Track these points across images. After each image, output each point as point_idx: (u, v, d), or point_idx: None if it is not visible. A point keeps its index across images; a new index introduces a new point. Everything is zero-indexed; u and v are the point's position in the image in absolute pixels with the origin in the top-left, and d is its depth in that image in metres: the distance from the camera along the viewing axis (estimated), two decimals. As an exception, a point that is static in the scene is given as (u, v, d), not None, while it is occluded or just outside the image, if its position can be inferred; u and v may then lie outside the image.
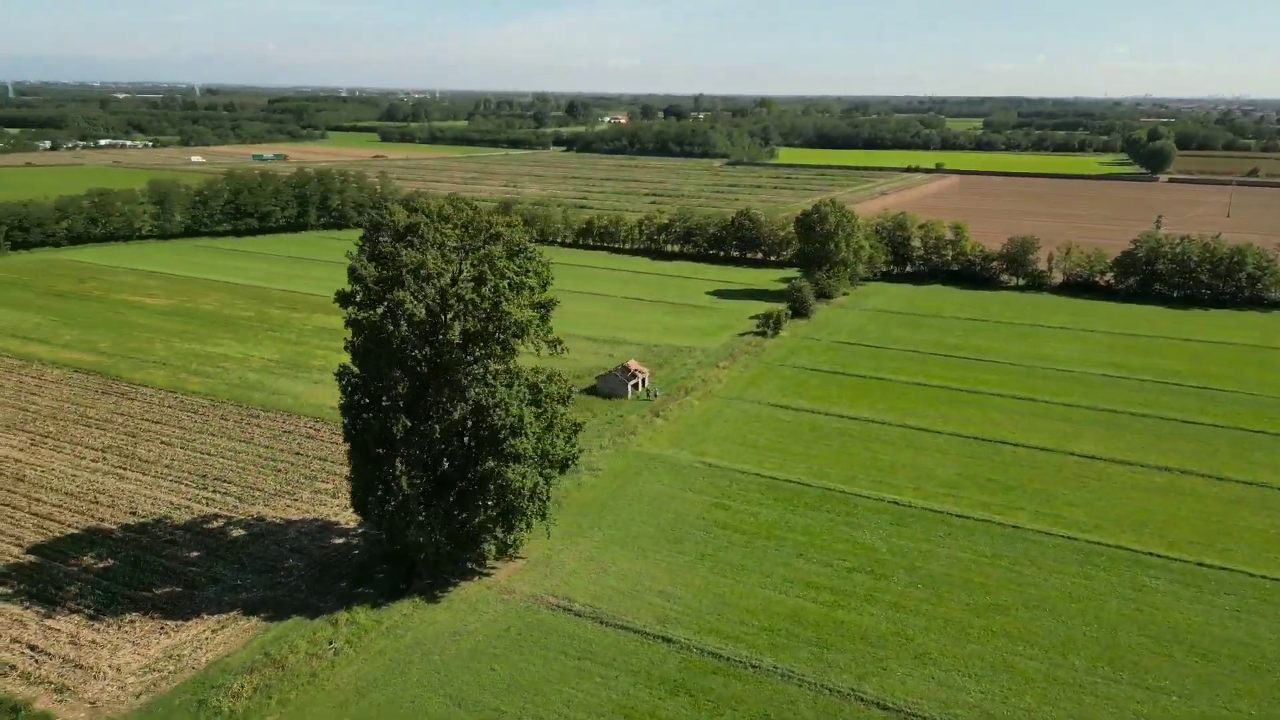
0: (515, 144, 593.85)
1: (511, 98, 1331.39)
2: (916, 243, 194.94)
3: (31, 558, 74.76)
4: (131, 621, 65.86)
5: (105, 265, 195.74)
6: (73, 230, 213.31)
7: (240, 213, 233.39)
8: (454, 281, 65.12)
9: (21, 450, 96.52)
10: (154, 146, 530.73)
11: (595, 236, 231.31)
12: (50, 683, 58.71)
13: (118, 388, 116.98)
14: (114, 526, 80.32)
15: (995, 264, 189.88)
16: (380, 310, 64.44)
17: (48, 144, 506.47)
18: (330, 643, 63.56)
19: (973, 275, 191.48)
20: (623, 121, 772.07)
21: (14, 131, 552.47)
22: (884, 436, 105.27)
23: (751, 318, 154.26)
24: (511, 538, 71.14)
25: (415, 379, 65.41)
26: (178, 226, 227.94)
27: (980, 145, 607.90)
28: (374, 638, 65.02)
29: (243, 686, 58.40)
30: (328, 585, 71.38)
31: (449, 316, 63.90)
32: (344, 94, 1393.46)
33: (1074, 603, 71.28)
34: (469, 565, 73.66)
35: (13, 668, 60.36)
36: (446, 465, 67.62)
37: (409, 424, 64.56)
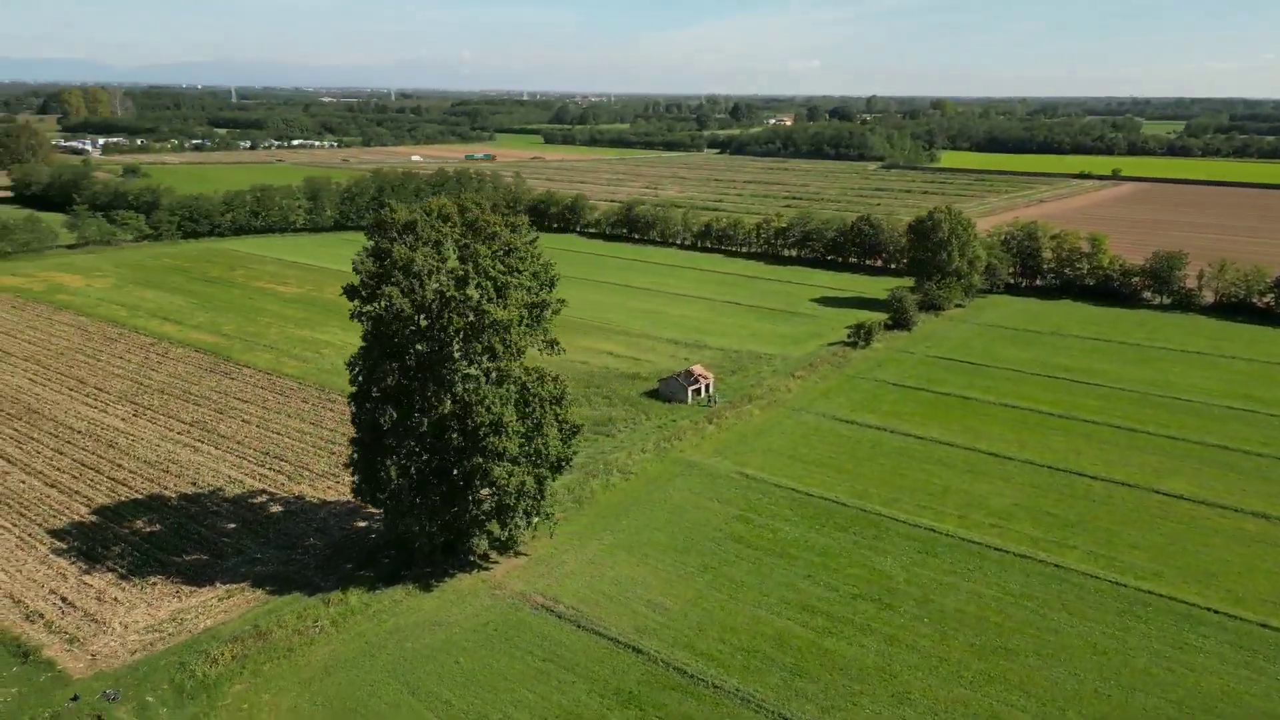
0: (671, 146, 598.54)
1: (682, 101, 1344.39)
2: (1047, 254, 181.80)
3: (94, 517, 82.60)
4: (154, 584, 71.56)
5: (256, 255, 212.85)
6: (236, 222, 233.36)
7: (381, 209, 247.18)
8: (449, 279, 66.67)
9: (123, 420, 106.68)
10: (338, 146, 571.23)
11: (713, 239, 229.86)
12: (65, 633, 64.72)
13: (224, 367, 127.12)
14: (173, 495, 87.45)
15: (1136, 280, 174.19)
16: (380, 304, 66.73)
17: (248, 144, 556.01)
18: (316, 621, 66.62)
19: (1110, 292, 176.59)
20: (788, 123, 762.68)
21: (221, 131, 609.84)
22: (947, 459, 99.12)
23: (847, 327, 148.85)
24: (505, 534, 71.91)
25: (405, 373, 67.43)
26: (328, 220, 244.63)
27: (1173, 150, 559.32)
28: (359, 619, 67.64)
29: (223, 654, 62.21)
30: (335, 565, 74.82)
31: (439, 313, 65.42)
32: (524, 98, 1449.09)
33: (1096, 655, 64.76)
34: (470, 558, 75.26)
35: (40, 615, 66.98)
36: (436, 458, 69.17)
37: (394, 415, 66.70)
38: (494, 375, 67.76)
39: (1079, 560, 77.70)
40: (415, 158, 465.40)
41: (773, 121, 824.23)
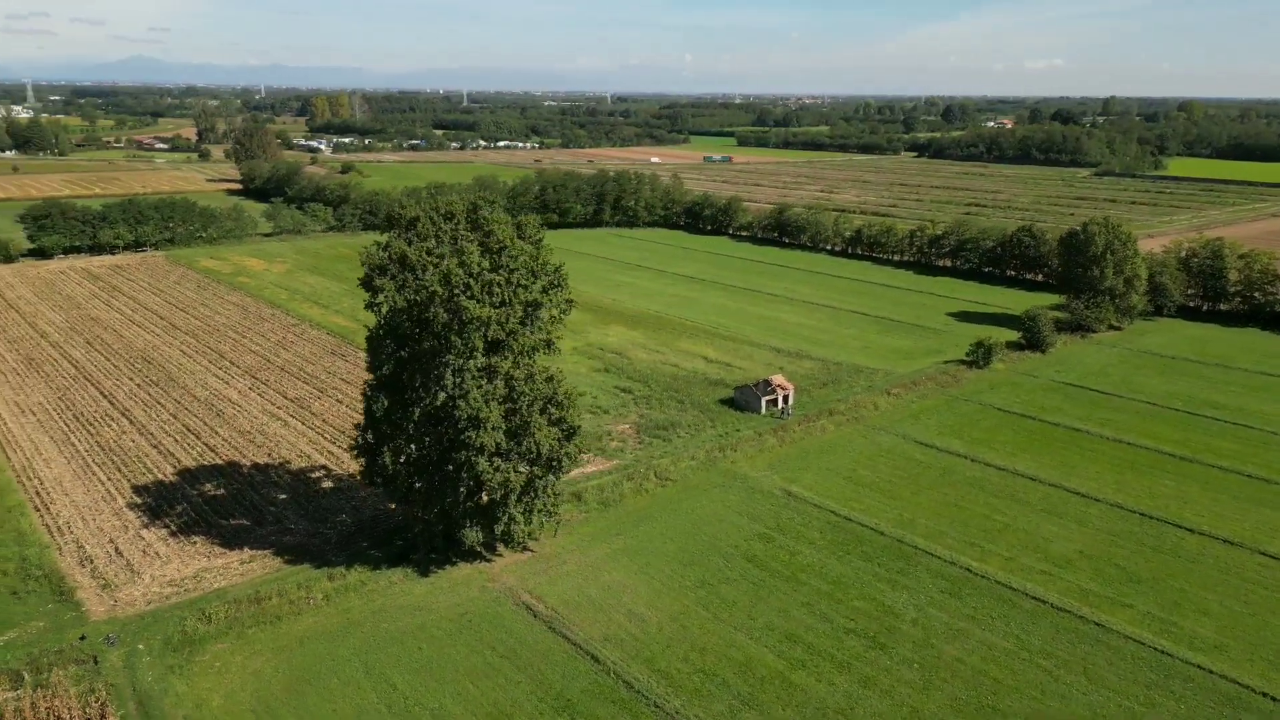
0: (867, 149, 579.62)
1: (896, 102, 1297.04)
2: (1233, 275, 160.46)
3: (174, 478, 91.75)
4: (195, 543, 78.60)
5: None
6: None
7: (545, 207, 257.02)
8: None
9: (239, 392, 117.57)
10: (539, 148, 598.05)
11: (864, 245, 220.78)
12: (103, 579, 72.43)
13: (344, 350, 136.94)
14: (247, 463, 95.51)
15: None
16: (380, 296, 69.74)
17: (457, 144, 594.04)
18: (311, 593, 70.67)
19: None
20: (1008, 125, 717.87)
21: (439, 133, 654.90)
22: (1021, 494, 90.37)
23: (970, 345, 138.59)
24: (500, 529, 73.03)
25: (401, 363, 70.01)
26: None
27: None
28: (351, 596, 71.04)
29: (218, 614, 67.34)
30: (352, 543, 78.92)
31: (426, 307, 67.50)
32: (736, 100, 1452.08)
33: (1099, 730, 57.07)
34: (475, 549, 76.98)
35: (91, 560, 75.33)
36: (432, 449, 71.30)
37: (385, 403, 69.48)
38: (479, 371, 68.91)
39: (1129, 621, 68.62)
40: (654, 159, 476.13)
41: (990, 124, 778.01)
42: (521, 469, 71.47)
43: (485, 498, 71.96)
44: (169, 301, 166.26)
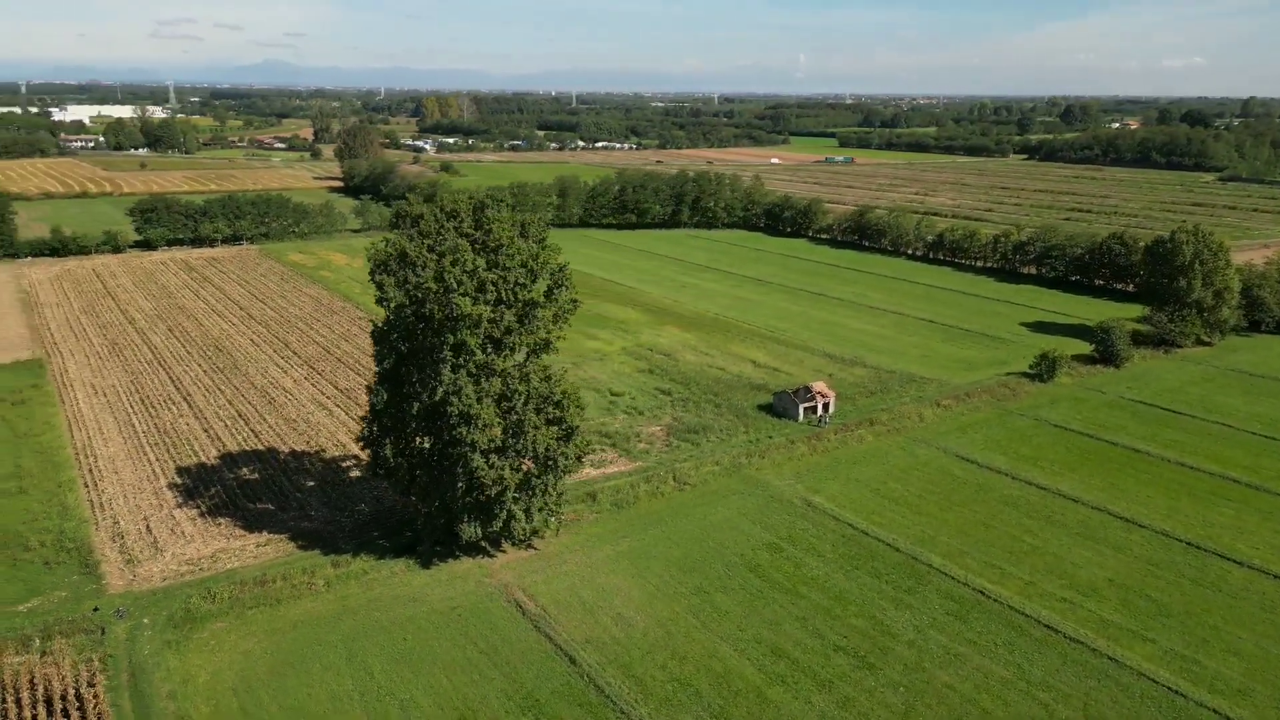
0: (973, 151, 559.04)
1: (1014, 103, 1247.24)
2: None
3: (216, 460, 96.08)
4: (220, 524, 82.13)
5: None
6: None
7: (624, 208, 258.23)
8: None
9: (294, 381, 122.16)
10: (636, 148, 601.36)
11: (945, 250, 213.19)
12: (129, 555, 76.42)
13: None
14: (285, 450, 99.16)
15: None
16: (386, 290, 71.18)
17: (556, 145, 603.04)
18: (314, 579, 72.79)
19: None
20: (1133, 126, 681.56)
21: (540, 133, 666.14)
22: (1059, 516, 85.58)
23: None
24: (497, 525, 73.59)
25: (400, 358, 71.34)
26: (573, 217, 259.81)
27: None
28: (350, 584, 72.82)
29: (223, 594, 70.12)
30: (365, 532, 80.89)
31: (422, 303, 68.59)
32: (848, 100, 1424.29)
33: (1086, 772, 53.42)
34: (480, 544, 77.82)
35: (123, 536, 79.59)
36: (432, 443, 72.42)
37: (385, 396, 70.90)
38: (477, 369, 69.55)
39: (1147, 657, 64.06)
40: (775, 160, 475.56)
41: (1114, 125, 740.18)
42: (518, 467, 71.81)
43: (483, 494, 72.46)
44: (251, 292, 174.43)
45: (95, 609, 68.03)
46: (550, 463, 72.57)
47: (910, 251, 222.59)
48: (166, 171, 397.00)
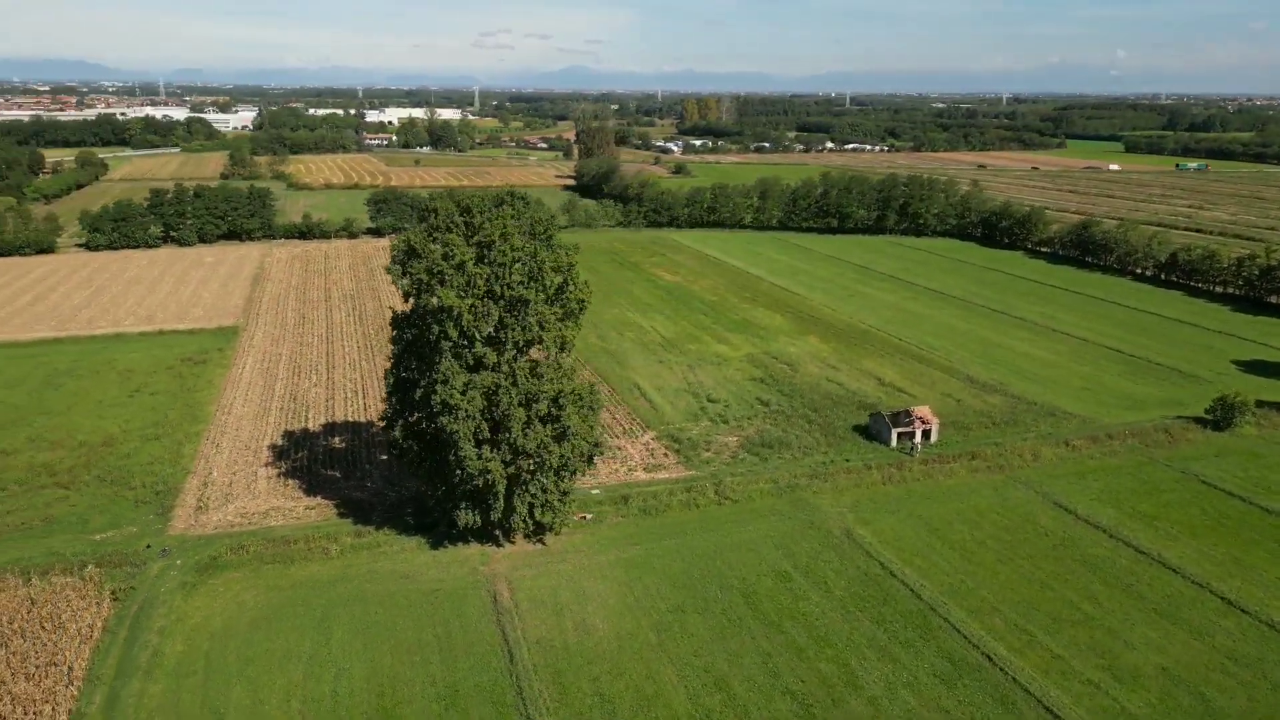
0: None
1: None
2: None
3: (319, 429, 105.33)
4: (287, 485, 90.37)
5: (684, 245, 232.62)
6: (693, 216, 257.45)
7: (824, 212, 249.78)
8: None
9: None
10: (887, 151, 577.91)
11: (1180, 271, 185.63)
12: (202, 503, 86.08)
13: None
14: (379, 425, 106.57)
15: None
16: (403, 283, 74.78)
17: (802, 146, 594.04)
18: (330, 545, 78.19)
19: None
20: None
21: (792, 135, 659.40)
22: (1142, 587, 73.06)
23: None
24: (494, 516, 75.05)
25: (407, 346, 74.50)
26: (771, 219, 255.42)
27: None
28: (361, 554, 77.35)
29: (249, 548, 77.16)
30: (400, 507, 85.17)
31: (419, 295, 71.28)
32: (1164, 100, 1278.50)
33: None
34: (494, 532, 79.65)
35: (206, 486, 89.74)
36: (433, 428, 75.16)
37: (391, 382, 74.44)
38: (470, 360, 71.20)
39: (1156, 768, 53.22)
40: (1113, 166, 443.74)
41: None
42: (510, 461, 72.76)
43: (473, 483, 74.12)
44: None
45: (148, 546, 77.70)
46: (540, 461, 72.65)
47: (1139, 271, 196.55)
48: (434, 167, 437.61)
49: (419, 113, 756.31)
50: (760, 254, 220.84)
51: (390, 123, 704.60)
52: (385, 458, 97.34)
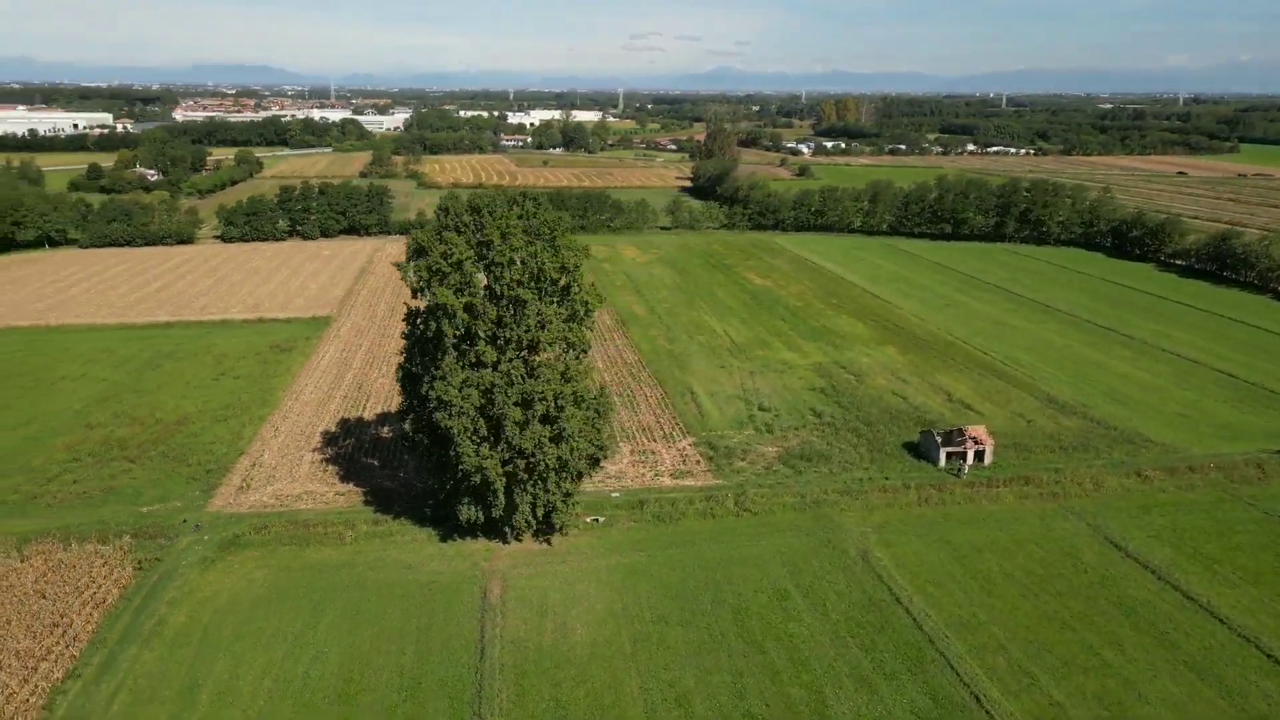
0: None
1: None
2: None
3: (372, 417, 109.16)
4: (326, 470, 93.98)
5: (783, 248, 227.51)
6: (799, 219, 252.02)
7: (938, 217, 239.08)
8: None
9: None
10: (1033, 154, 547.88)
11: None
12: (246, 483, 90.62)
13: (613, 333, 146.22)
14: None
15: None
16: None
17: (939, 149, 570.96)
18: (346, 531, 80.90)
19: None
20: None
21: (931, 137, 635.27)
22: (1177, 635, 66.62)
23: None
24: (495, 512, 75.69)
25: (414, 341, 75.99)
26: (882, 224, 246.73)
27: None
28: (372, 542, 79.65)
29: (270, 530, 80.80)
30: (424, 498, 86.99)
31: (422, 290, 72.67)
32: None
33: None
34: (503, 528, 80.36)
35: (255, 466, 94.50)
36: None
37: (401, 374, 76.27)
38: (474, 359, 72.06)
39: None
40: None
41: None
42: (508, 459, 73.22)
43: (471, 480, 74.95)
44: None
45: (184, 520, 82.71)
46: (535, 461, 72.73)
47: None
48: (560, 168, 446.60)
49: (556, 115, 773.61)
50: (861, 259, 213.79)
51: (530, 124, 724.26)
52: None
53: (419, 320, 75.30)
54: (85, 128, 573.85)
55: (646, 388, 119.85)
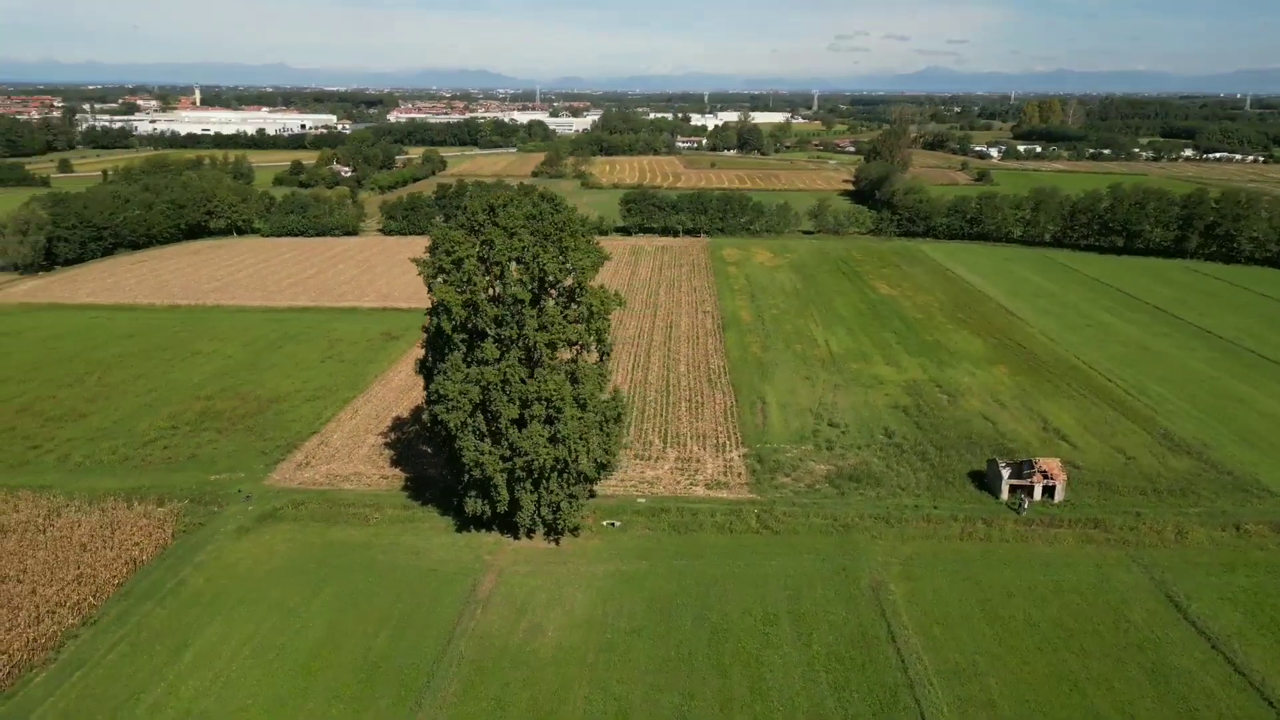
0: None
1: None
2: None
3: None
4: (382, 454, 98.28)
5: (926, 256, 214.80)
6: (951, 227, 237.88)
7: (1107, 229, 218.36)
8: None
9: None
10: (1266, 161, 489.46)
11: None
12: (306, 461, 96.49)
13: (709, 335, 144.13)
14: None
15: None
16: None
17: (1149, 154, 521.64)
18: (373, 514, 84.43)
19: None
20: None
21: (1144, 140, 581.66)
22: (1208, 706, 57.37)
23: None
24: (500, 507, 76.66)
25: (430, 336, 77.91)
26: (1044, 233, 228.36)
27: None
28: (391, 526, 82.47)
29: (305, 507, 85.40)
30: (455, 489, 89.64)
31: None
32: None
33: None
34: (515, 523, 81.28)
35: (321, 446, 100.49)
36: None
37: (418, 366, 78.43)
38: (481, 356, 73.23)
39: None
40: None
41: None
42: (508, 458, 73.91)
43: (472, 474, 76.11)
44: (636, 273, 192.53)
45: (239, 490, 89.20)
46: (531, 461, 72.89)
47: None
48: (727, 169, 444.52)
49: (734, 117, 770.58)
50: (1007, 271, 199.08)
51: (710, 126, 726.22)
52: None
53: (428, 315, 77.33)
54: (311, 128, 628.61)
55: (719, 394, 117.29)
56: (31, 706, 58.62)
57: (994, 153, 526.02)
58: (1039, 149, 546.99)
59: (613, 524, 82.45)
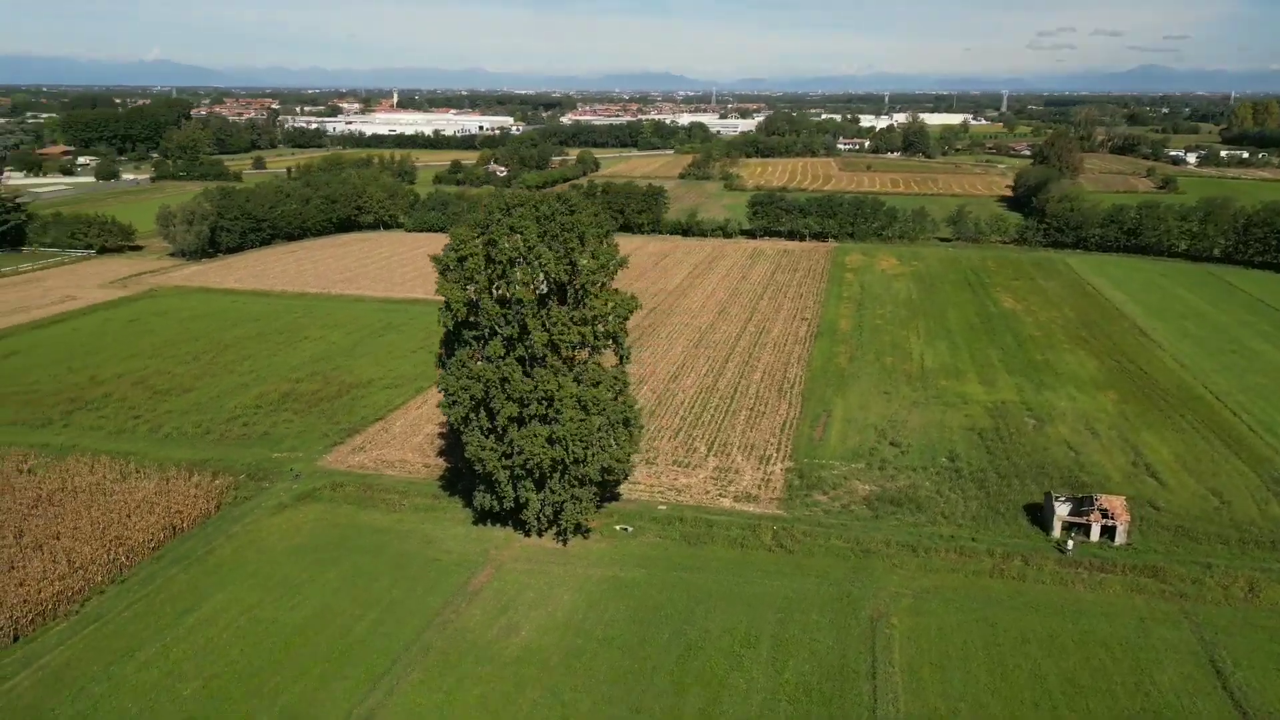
0: None
1: None
2: None
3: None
4: (433, 444, 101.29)
5: (1067, 269, 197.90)
6: (1106, 237, 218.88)
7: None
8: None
9: (671, 352, 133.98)
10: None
11: None
12: (364, 446, 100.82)
13: (794, 342, 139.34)
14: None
15: None
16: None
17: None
18: (403, 500, 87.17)
19: None
20: None
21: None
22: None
23: None
24: (505, 504, 77.38)
25: (448, 333, 79.26)
26: (1214, 248, 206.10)
27: None
28: (416, 514, 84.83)
29: (343, 486, 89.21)
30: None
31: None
32: None
33: None
34: (526, 519, 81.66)
35: (384, 433, 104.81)
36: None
37: (436, 361, 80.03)
38: (489, 354, 74.11)
39: None
40: None
41: None
42: (509, 454, 74.43)
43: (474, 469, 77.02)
44: (746, 277, 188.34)
45: (290, 469, 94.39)
46: (527, 461, 72.99)
47: None
48: (882, 172, 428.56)
49: (901, 118, 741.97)
50: (1158, 287, 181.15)
51: (880, 127, 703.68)
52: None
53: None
54: (485, 129, 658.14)
55: (784, 405, 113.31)
56: (43, 653, 64.37)
57: (1191, 158, 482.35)
58: (1245, 154, 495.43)
59: (625, 529, 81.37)
